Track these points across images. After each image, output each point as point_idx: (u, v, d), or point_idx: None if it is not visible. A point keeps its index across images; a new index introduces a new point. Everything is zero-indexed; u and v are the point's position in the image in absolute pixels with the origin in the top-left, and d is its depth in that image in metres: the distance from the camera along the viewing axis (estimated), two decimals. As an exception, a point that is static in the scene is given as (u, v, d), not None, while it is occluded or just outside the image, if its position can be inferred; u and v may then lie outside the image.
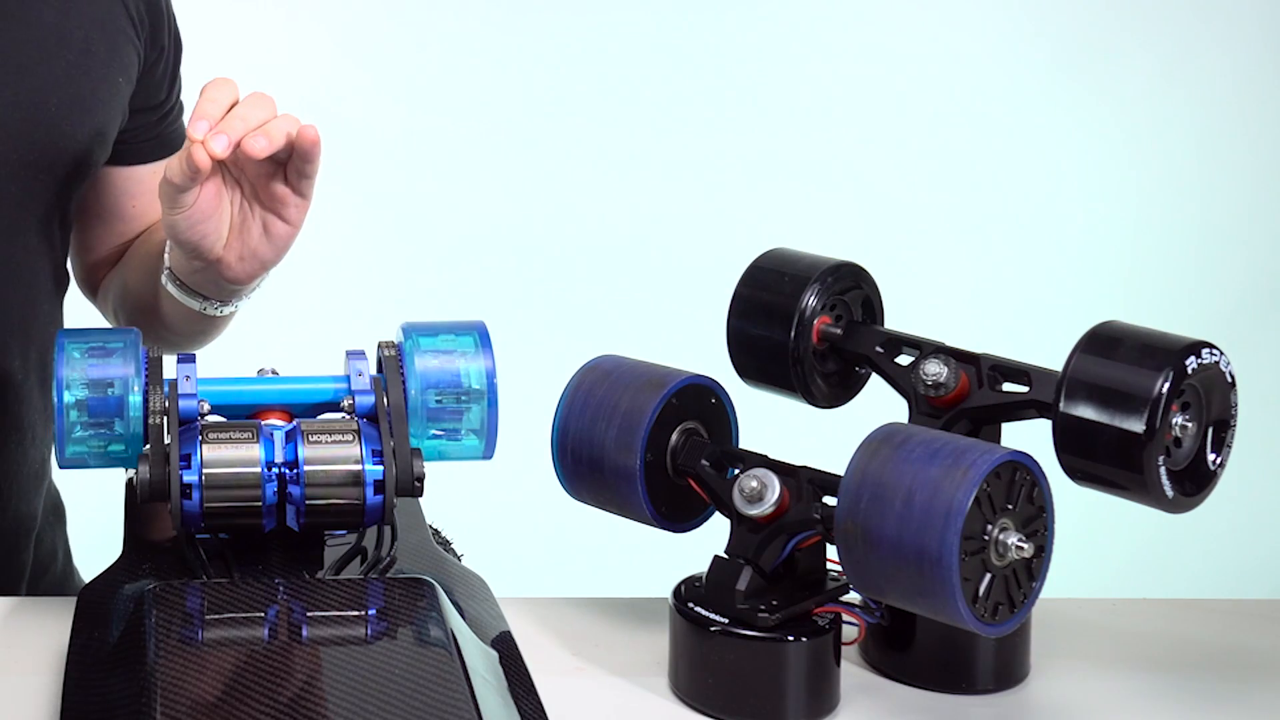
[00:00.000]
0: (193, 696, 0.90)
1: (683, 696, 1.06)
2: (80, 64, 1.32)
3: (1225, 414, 1.04)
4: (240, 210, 1.22)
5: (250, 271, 1.24)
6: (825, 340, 1.16)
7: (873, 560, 0.97)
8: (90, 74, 1.33)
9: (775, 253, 1.19)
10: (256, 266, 1.24)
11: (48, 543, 1.44)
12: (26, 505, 1.38)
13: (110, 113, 1.35)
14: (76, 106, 1.32)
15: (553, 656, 1.11)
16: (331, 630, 0.99)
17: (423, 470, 1.07)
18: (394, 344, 1.13)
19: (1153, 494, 1.01)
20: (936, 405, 1.10)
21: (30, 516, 1.39)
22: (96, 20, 1.34)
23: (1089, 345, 1.03)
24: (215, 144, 1.14)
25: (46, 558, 1.44)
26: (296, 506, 1.05)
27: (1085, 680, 1.11)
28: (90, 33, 1.33)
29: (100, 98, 1.34)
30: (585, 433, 1.10)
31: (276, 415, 1.11)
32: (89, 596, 1.08)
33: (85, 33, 1.33)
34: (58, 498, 1.47)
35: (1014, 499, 0.97)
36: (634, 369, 1.11)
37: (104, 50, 1.34)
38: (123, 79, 1.36)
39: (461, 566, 1.16)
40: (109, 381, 1.08)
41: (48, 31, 1.31)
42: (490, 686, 0.97)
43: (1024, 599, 0.98)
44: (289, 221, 1.22)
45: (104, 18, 1.34)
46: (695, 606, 1.04)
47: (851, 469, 0.98)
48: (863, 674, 1.10)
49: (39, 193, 1.32)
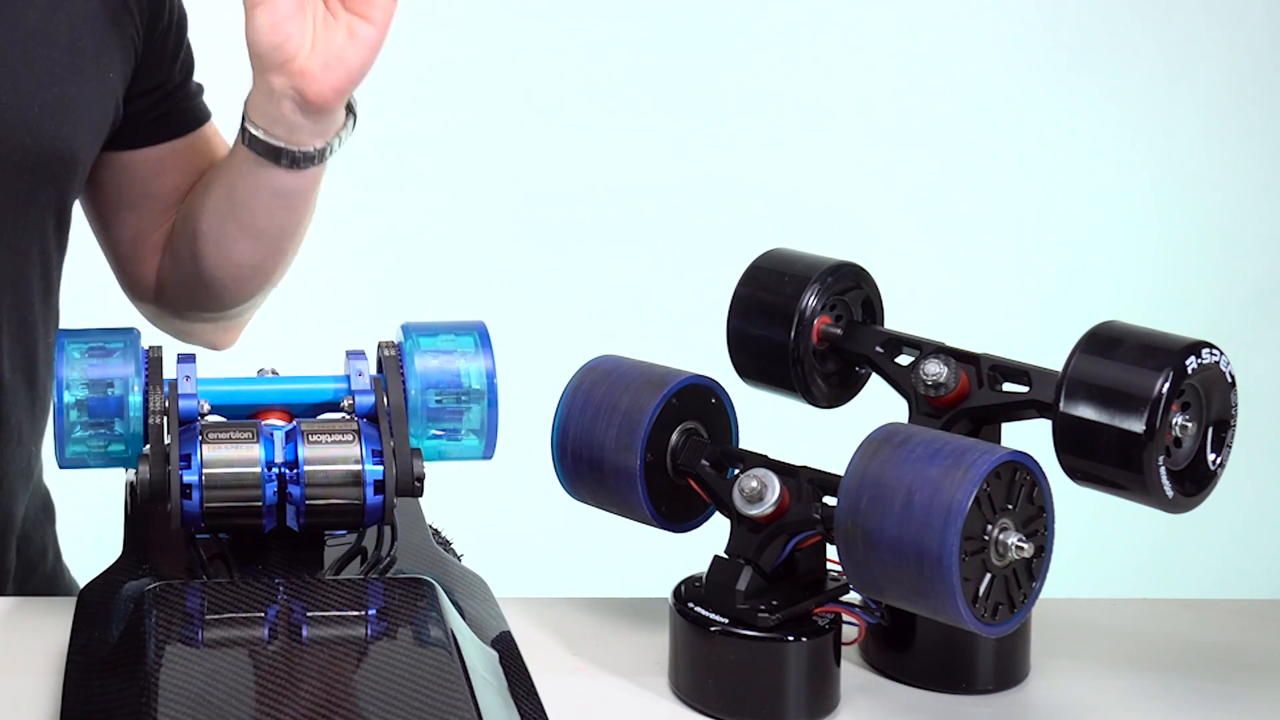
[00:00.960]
0: (192, 696, 0.90)
1: (683, 696, 1.06)
2: (67, 64, 1.31)
3: (1225, 414, 1.04)
4: (324, 12, 1.23)
5: (336, 83, 1.24)
6: (825, 340, 1.16)
7: (873, 560, 0.97)
8: (78, 74, 1.32)
9: (775, 253, 1.19)
10: (342, 76, 1.24)
11: (37, 541, 1.44)
12: (12, 505, 1.38)
13: (102, 111, 1.34)
14: (63, 108, 1.30)
15: (553, 656, 1.11)
16: (331, 630, 0.99)
17: (423, 470, 1.07)
18: (394, 344, 1.13)
19: (1153, 494, 1.01)
20: (936, 405, 1.10)
21: (13, 516, 1.39)
22: (86, 14, 1.33)
23: (1089, 345, 1.03)
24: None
25: (35, 556, 1.43)
26: (296, 506, 1.05)
27: (1085, 680, 1.11)
28: (79, 29, 1.32)
29: (89, 97, 1.33)
30: (585, 433, 1.10)
31: (276, 415, 1.11)
32: (89, 596, 1.08)
33: (73, 30, 1.32)
34: (47, 496, 1.47)
35: (1014, 499, 0.97)
36: (634, 369, 1.11)
37: (93, 46, 1.33)
38: (114, 74, 1.35)
39: (461, 566, 1.16)
40: (109, 381, 1.08)
41: (32, 32, 1.30)
42: (490, 686, 0.97)
43: (1024, 599, 0.98)
44: (372, 22, 1.22)
45: (95, 10, 1.33)
46: (695, 606, 1.04)
47: (851, 469, 0.98)
48: (863, 674, 1.10)
49: (26, 195, 1.31)
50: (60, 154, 1.31)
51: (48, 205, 1.33)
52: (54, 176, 1.32)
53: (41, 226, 1.34)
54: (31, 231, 1.33)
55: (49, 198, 1.33)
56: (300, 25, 1.22)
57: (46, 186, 1.32)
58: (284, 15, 1.22)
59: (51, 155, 1.31)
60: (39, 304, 1.36)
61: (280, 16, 1.22)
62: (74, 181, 1.35)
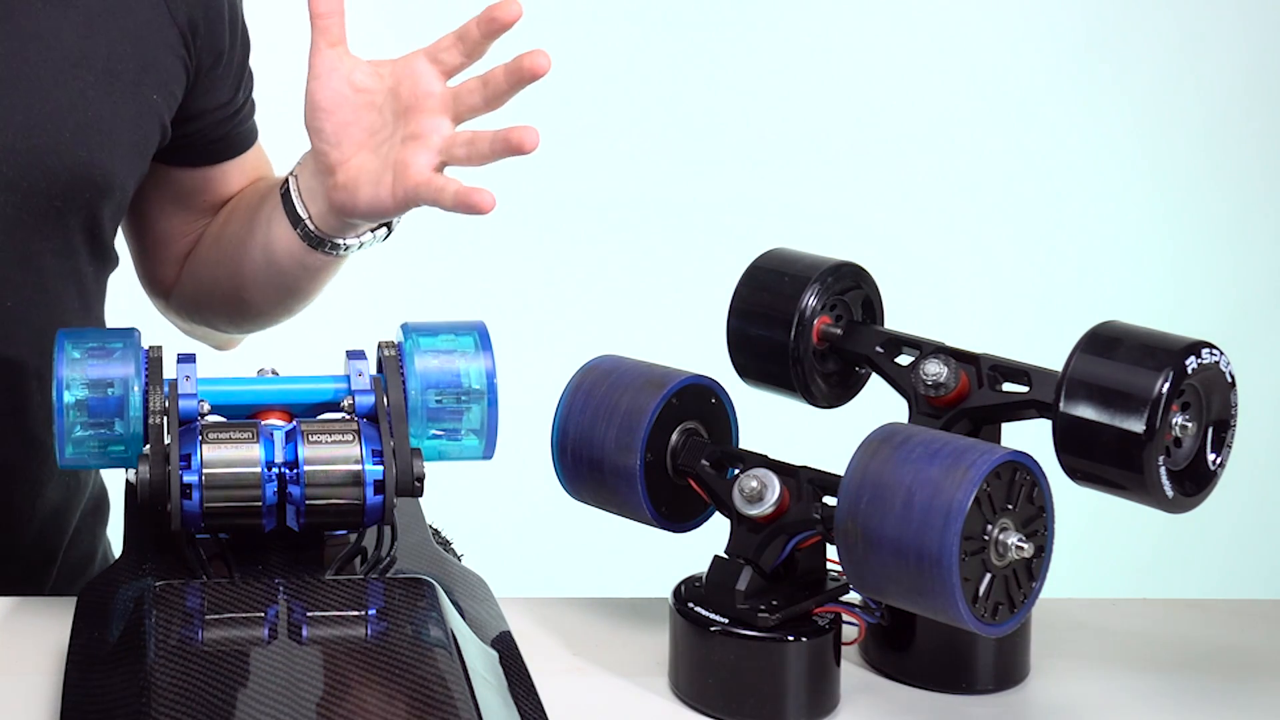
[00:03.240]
0: (192, 696, 0.90)
1: (683, 696, 1.06)
2: (102, 85, 1.29)
3: (1225, 414, 1.04)
4: (383, 137, 1.22)
5: (343, 203, 1.24)
6: (825, 340, 1.16)
7: (873, 560, 0.97)
8: (113, 94, 1.29)
9: (775, 253, 1.19)
10: (347, 201, 1.24)
11: (85, 545, 1.43)
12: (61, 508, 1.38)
13: (142, 133, 1.32)
14: (95, 129, 1.28)
15: (553, 656, 1.11)
16: (331, 630, 0.99)
17: (423, 470, 1.07)
18: (394, 344, 1.13)
19: (1153, 494, 1.01)
20: (936, 405, 1.10)
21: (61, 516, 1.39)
22: (128, 35, 1.30)
23: (1089, 345, 1.03)
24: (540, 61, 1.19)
25: (83, 559, 1.43)
26: (296, 506, 1.05)
27: (1085, 680, 1.11)
28: (118, 49, 1.30)
29: (124, 118, 1.30)
30: (585, 433, 1.10)
31: (276, 415, 1.11)
32: (89, 596, 1.08)
33: (111, 50, 1.29)
34: (102, 496, 1.46)
35: (1014, 499, 0.97)
36: (634, 369, 1.11)
37: (134, 68, 1.30)
38: (159, 95, 1.32)
39: (461, 566, 1.16)
40: (109, 381, 1.08)
41: (67, 52, 1.28)
42: (490, 686, 0.97)
43: (1024, 599, 0.98)
44: (401, 189, 1.21)
45: (139, 32, 1.31)
46: (695, 606, 1.04)
47: (851, 469, 0.98)
48: (863, 674, 1.10)
49: (57, 218, 1.29)
50: (92, 178, 1.29)
51: (78, 227, 1.31)
52: (86, 200, 1.30)
53: (72, 247, 1.32)
54: (65, 253, 1.32)
55: (80, 220, 1.31)
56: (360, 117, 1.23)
57: (78, 209, 1.30)
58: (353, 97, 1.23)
59: (82, 179, 1.29)
60: (75, 321, 1.34)
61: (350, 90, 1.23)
62: (109, 204, 1.32)
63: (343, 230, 1.29)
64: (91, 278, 1.36)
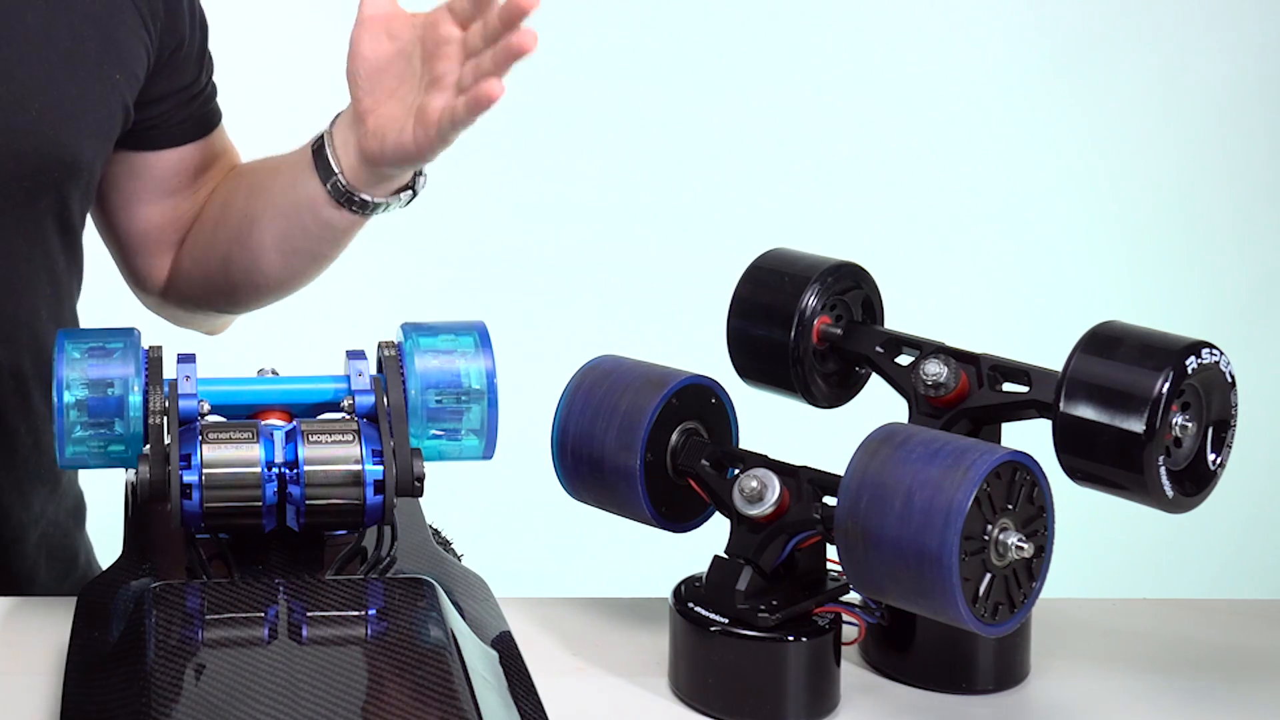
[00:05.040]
0: (192, 696, 0.90)
1: (683, 696, 1.06)
2: (66, 66, 1.30)
3: (1225, 414, 1.04)
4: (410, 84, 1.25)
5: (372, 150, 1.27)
6: (825, 340, 1.16)
7: (873, 560, 0.97)
8: (78, 76, 1.31)
9: (775, 253, 1.19)
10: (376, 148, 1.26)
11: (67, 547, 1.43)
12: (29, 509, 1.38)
13: (107, 114, 1.34)
14: (61, 111, 1.30)
15: (553, 656, 1.11)
16: (331, 630, 0.99)
17: (423, 470, 1.07)
18: (394, 344, 1.13)
19: (1153, 494, 1.01)
20: (936, 405, 1.10)
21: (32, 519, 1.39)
22: (89, 17, 1.32)
23: (1089, 345, 1.03)
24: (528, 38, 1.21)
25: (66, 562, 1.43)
26: (296, 506, 1.05)
27: (1085, 680, 1.11)
28: (81, 31, 1.31)
29: (90, 99, 1.32)
30: (585, 433, 1.10)
31: (276, 415, 1.11)
32: (89, 596, 1.08)
33: (74, 32, 1.31)
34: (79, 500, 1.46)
35: (1014, 499, 0.97)
36: (634, 369, 1.11)
37: (96, 49, 1.32)
38: (121, 75, 1.34)
39: (461, 566, 1.16)
40: (109, 381, 1.08)
41: (30, 34, 1.29)
42: (490, 686, 0.97)
43: (1024, 599, 0.98)
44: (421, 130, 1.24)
45: (100, 14, 1.32)
46: (695, 606, 1.04)
47: (851, 469, 0.98)
48: (863, 674, 1.10)
49: (27, 201, 1.30)
50: (61, 158, 1.30)
51: (48, 210, 1.33)
52: (54, 181, 1.31)
53: (43, 231, 1.33)
54: (36, 238, 1.33)
55: (49, 202, 1.32)
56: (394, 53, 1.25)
57: (47, 191, 1.31)
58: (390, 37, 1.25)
59: (51, 159, 1.30)
60: (45, 311, 1.35)
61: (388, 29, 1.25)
62: (76, 186, 1.34)
63: (372, 184, 1.31)
64: (64, 268, 1.37)
